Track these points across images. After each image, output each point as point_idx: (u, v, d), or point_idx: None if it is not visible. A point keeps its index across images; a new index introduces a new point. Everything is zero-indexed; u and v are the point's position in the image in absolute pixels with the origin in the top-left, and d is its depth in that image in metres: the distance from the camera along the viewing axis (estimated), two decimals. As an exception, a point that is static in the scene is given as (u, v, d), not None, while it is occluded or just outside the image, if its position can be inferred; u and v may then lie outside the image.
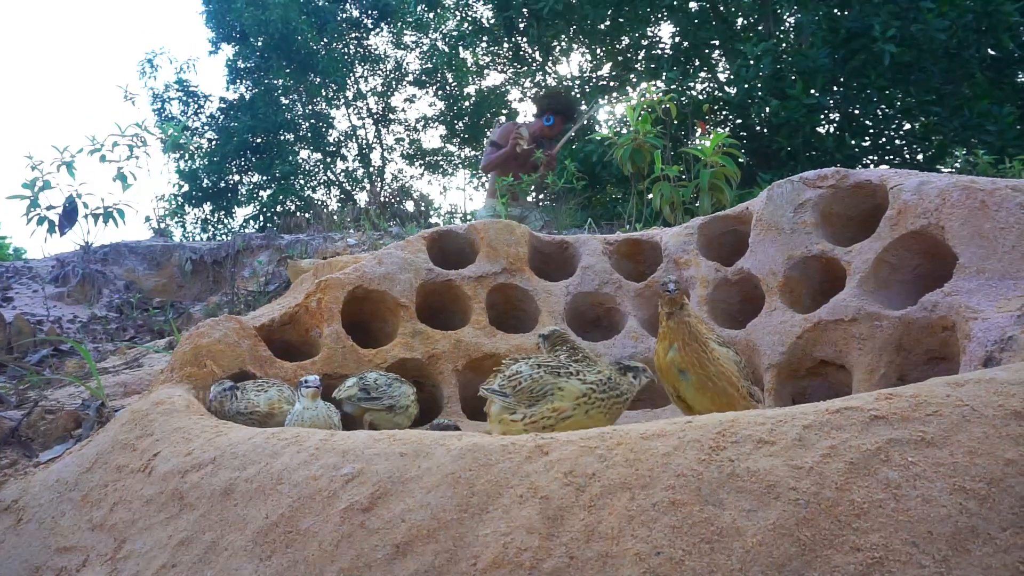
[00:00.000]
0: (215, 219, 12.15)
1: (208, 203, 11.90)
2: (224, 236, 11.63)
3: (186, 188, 11.52)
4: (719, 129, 8.33)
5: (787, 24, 8.50)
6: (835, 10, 7.21)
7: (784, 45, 7.77)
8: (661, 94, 4.29)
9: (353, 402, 1.97)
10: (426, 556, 1.02)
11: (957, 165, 6.77)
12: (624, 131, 4.28)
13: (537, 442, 1.13)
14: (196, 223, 12.19)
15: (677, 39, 9.34)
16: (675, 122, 5.68)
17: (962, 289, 1.64)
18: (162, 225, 5.93)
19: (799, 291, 2.07)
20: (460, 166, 12.82)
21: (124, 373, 2.50)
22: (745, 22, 9.10)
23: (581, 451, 1.09)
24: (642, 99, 4.00)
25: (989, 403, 1.02)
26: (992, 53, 6.88)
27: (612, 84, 10.00)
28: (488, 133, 5.95)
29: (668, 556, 0.94)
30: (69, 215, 4.23)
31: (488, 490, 1.07)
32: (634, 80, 9.65)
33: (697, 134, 5.56)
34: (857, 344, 1.84)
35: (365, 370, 2.13)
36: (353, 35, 12.71)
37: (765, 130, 7.86)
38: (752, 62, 7.09)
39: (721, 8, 9.00)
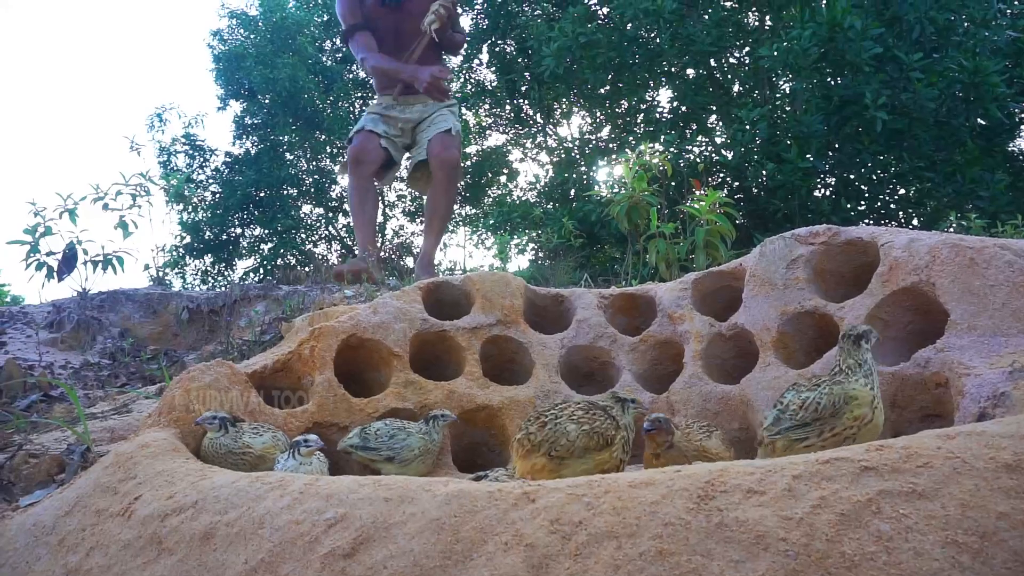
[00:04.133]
0: (215, 271, 12.20)
1: (209, 255, 11.97)
2: (223, 288, 11.68)
3: (188, 239, 11.59)
4: (716, 192, 8.46)
5: (782, 91, 8.71)
6: (828, 78, 7.40)
7: (779, 111, 7.95)
8: (658, 154, 4.38)
9: (353, 452, 1.97)
10: (407, 604, 0.99)
11: (952, 229, 6.85)
12: (621, 190, 4.35)
13: (524, 489, 1.11)
14: (196, 274, 12.23)
15: (675, 104, 9.56)
16: (671, 182, 5.76)
17: (954, 345, 1.64)
18: (162, 274, 5.94)
19: (793, 347, 2.07)
20: (460, 223, 12.93)
21: (112, 418, 2.47)
22: (741, 88, 9.33)
23: (568, 498, 1.07)
24: (639, 158, 4.07)
25: (980, 455, 1.01)
26: (981, 122, 7.04)
27: (612, 146, 10.19)
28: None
29: (654, 607, 0.91)
30: (68, 261, 4.24)
31: (473, 537, 1.05)
32: (633, 143, 9.83)
33: (695, 194, 5.64)
34: (851, 400, 1.83)
35: (356, 419, 2.11)
36: (359, 94, 12.99)
37: (762, 193, 7.98)
38: (748, 127, 7.24)
39: (717, 75, 9.24)
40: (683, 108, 9.28)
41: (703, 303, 2.35)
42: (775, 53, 6.86)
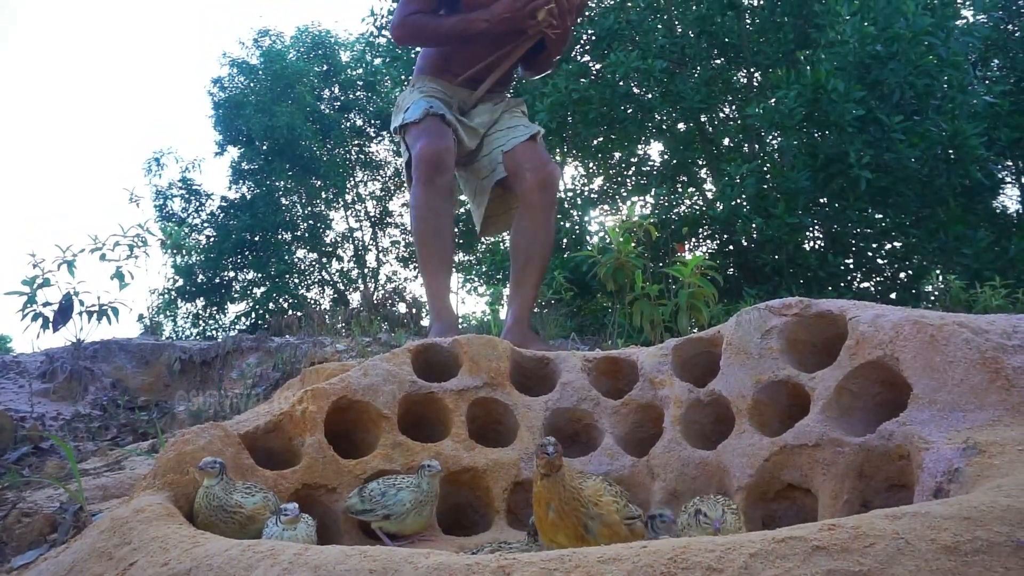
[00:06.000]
0: (207, 315, 12.25)
1: (201, 298, 12.04)
2: (214, 332, 11.72)
3: (180, 283, 11.67)
4: (705, 245, 8.61)
5: (770, 146, 8.93)
6: (815, 135, 7.61)
7: (767, 166, 8.15)
8: (646, 211, 4.52)
9: (354, 513, 2.03)
10: (387, 676, 1.05)
11: (940, 285, 6.98)
12: (612, 244, 4.46)
13: (500, 563, 1.18)
14: (187, 317, 12.27)
15: (665, 157, 9.77)
16: (662, 237, 5.88)
17: (915, 419, 1.72)
18: (154, 322, 6.01)
19: (767, 414, 2.15)
20: (454, 270, 13.01)
21: (105, 476, 2.52)
22: (730, 144, 9.56)
23: (541, 572, 1.14)
24: (624, 221, 4.19)
25: (922, 536, 1.09)
26: (963, 181, 7.22)
27: (604, 197, 10.38)
28: None
29: None
30: (64, 312, 4.32)
31: (450, 611, 1.11)
32: (624, 194, 10.01)
33: (678, 254, 5.77)
34: (821, 469, 1.90)
35: (345, 481, 2.17)
36: (355, 142, 13.23)
37: (751, 246, 8.12)
38: (737, 181, 7.42)
39: (708, 129, 9.48)
40: (673, 162, 9.49)
41: (683, 369, 2.43)
42: (761, 111, 7.08)
